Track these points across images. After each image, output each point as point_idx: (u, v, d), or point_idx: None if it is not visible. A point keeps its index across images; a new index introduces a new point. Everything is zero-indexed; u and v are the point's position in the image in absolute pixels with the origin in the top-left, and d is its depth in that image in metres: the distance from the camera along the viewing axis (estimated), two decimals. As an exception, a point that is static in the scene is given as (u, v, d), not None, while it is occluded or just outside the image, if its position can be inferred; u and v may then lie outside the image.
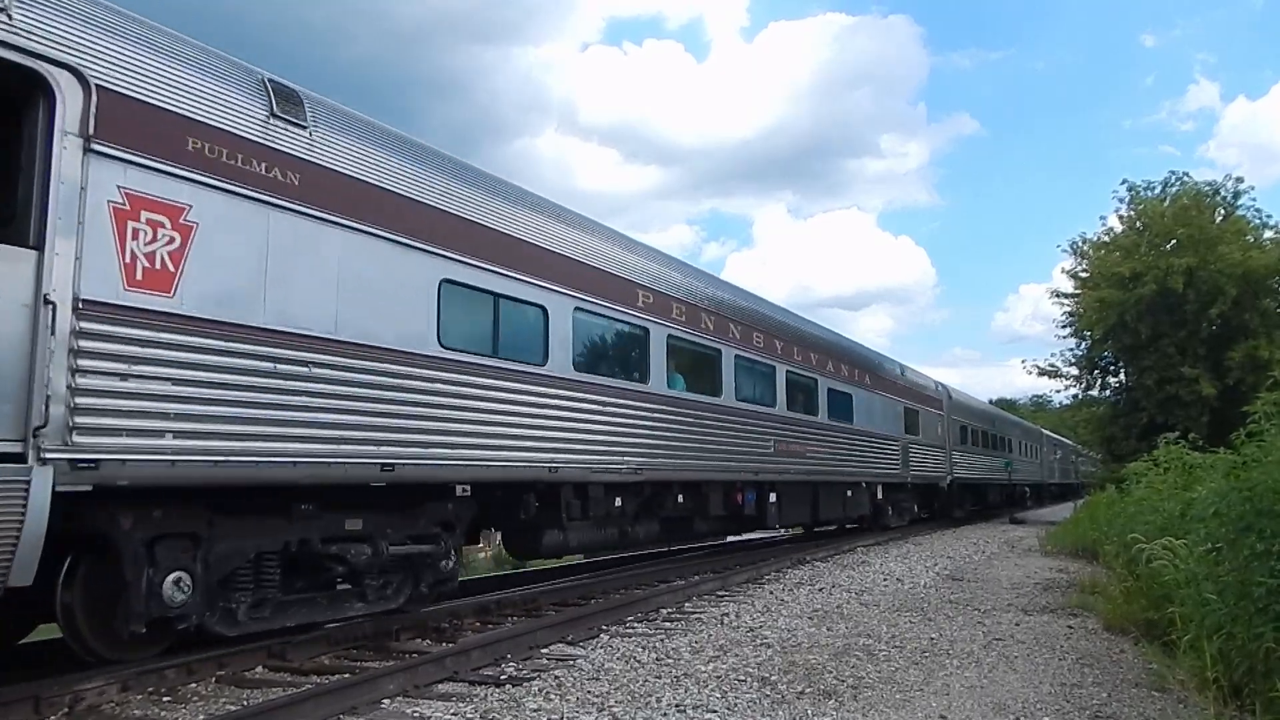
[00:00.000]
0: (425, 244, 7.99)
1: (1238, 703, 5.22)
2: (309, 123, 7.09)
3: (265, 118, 6.73)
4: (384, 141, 7.90)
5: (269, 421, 6.46)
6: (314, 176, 7.01)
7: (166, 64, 6.12)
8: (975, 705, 5.80)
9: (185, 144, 6.12)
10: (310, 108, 7.18)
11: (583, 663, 7.01)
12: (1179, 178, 30.39)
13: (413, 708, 5.70)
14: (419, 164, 8.17)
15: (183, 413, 5.91)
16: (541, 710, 5.63)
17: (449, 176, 8.50)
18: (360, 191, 7.40)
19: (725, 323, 13.70)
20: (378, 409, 7.35)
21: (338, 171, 7.24)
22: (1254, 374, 22.43)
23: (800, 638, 8.17)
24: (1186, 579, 6.29)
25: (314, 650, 7.27)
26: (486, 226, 8.83)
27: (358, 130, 7.65)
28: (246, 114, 6.60)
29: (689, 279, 13.17)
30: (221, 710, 5.67)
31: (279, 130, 6.82)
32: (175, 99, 6.11)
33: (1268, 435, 6.22)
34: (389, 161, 7.80)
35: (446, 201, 8.34)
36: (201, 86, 6.31)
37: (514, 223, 9.27)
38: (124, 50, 5.84)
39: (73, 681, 5.68)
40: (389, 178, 7.72)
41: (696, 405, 12.59)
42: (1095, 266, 30.41)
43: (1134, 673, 6.73)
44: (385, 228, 7.60)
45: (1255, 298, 27.39)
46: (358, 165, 7.44)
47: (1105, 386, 32.86)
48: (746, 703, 5.82)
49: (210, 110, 6.33)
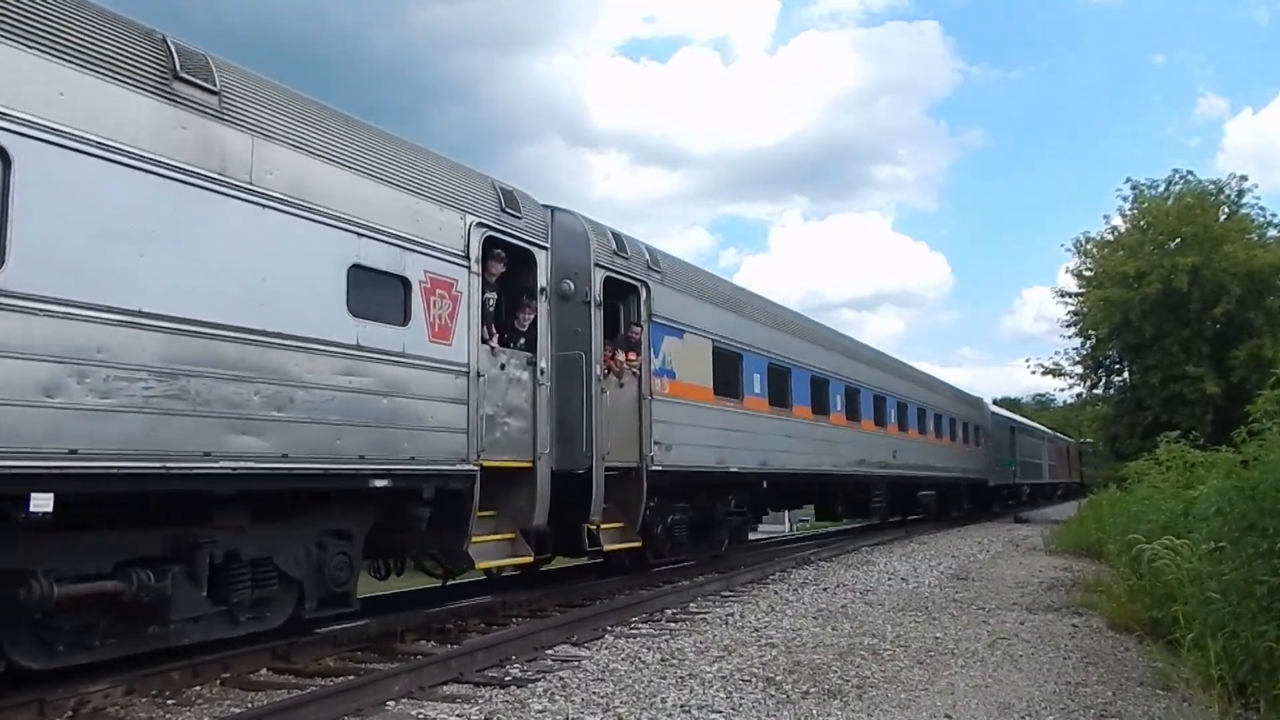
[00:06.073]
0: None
1: (1242, 701, 5.21)
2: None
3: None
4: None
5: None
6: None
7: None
8: (980, 704, 5.80)
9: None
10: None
11: (587, 663, 7.02)
12: (1182, 176, 30.42)
13: (418, 709, 5.71)
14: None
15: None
16: (546, 711, 5.64)
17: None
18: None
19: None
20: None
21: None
22: (1258, 373, 22.35)
23: (805, 637, 8.17)
24: (1190, 578, 6.29)
25: (318, 652, 7.29)
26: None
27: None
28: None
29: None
30: (226, 712, 5.69)
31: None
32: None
33: (1269, 434, 6.21)
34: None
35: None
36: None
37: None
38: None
39: (77, 684, 5.69)
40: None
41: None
42: (1099, 265, 30.42)
43: (1138, 671, 6.73)
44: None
45: (1259, 296, 27.38)
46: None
47: (1109, 385, 32.90)
48: (751, 703, 5.83)
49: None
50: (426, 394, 7.74)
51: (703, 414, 12.51)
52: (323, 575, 7.17)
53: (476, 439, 8.16)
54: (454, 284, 8.14)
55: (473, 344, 8.28)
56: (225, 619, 6.54)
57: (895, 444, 21.79)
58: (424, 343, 7.75)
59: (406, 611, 8.87)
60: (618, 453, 10.47)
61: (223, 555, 6.37)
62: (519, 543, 8.99)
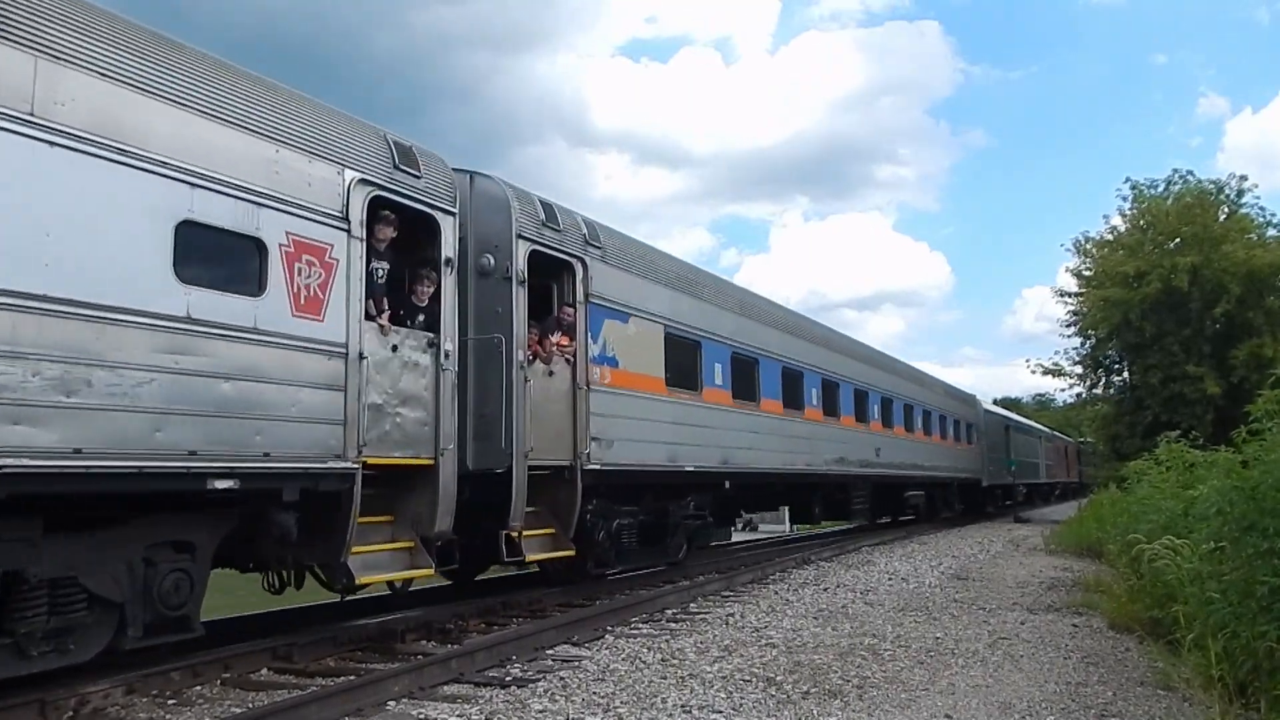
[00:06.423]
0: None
1: (1243, 701, 5.21)
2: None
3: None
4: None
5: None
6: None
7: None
8: (981, 704, 5.80)
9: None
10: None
11: (588, 664, 7.02)
12: (1182, 176, 30.44)
13: (418, 709, 5.71)
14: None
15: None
16: (547, 711, 5.64)
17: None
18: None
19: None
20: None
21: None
22: (1258, 372, 22.33)
23: (805, 637, 8.17)
24: (1190, 578, 6.29)
25: (319, 652, 7.28)
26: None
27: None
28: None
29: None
30: (227, 712, 5.69)
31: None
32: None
33: (1269, 434, 6.21)
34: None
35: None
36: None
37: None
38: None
39: (78, 684, 5.69)
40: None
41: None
42: (1099, 265, 30.43)
43: (1139, 671, 6.73)
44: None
45: (1259, 296, 27.40)
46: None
47: (1109, 385, 32.89)
48: (752, 703, 5.83)
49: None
50: (287, 378, 6.54)
51: (652, 407, 11.38)
52: (151, 596, 5.95)
53: (357, 432, 6.99)
54: (327, 249, 6.93)
55: (353, 321, 7.08)
56: (11, 653, 5.31)
57: (879, 441, 20.82)
58: (285, 317, 6.56)
59: (406, 611, 8.88)
60: (546, 449, 9.36)
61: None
62: (419, 553, 7.81)
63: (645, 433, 11.20)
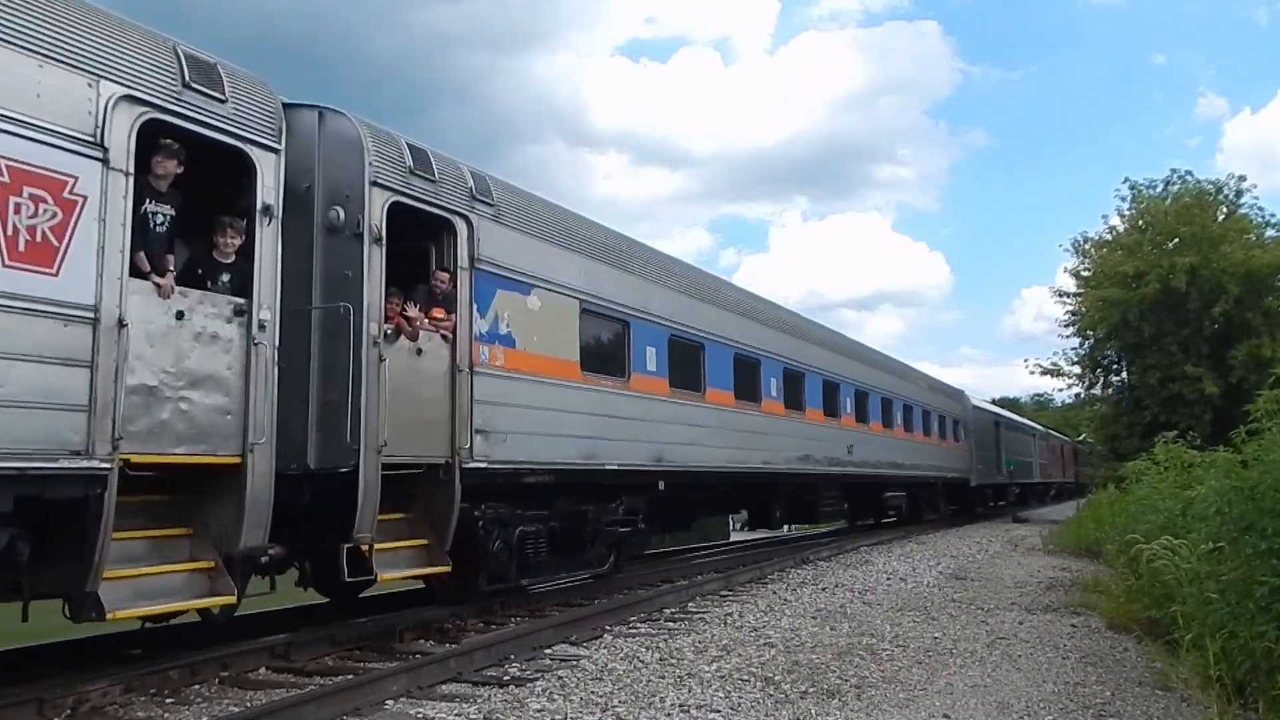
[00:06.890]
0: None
1: (1241, 701, 5.22)
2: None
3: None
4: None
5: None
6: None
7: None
8: (979, 704, 5.80)
9: None
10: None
11: (586, 663, 7.02)
12: (1181, 176, 30.51)
13: (416, 709, 5.71)
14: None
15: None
16: (545, 711, 5.64)
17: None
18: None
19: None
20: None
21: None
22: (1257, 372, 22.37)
23: (804, 637, 8.17)
24: (1189, 578, 6.30)
25: (317, 651, 7.27)
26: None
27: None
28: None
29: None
30: (225, 711, 5.68)
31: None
32: None
33: (1268, 434, 6.22)
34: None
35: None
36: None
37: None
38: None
39: (76, 682, 5.70)
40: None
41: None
42: (1098, 265, 30.49)
43: (1137, 671, 6.73)
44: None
45: (1258, 296, 27.46)
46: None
47: (1108, 385, 32.94)
48: (750, 702, 5.83)
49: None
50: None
51: (562, 395, 9.68)
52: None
53: (111, 421, 5.41)
54: (68, 183, 5.35)
55: (109, 277, 5.50)
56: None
57: (852, 438, 19.01)
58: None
59: (405, 610, 8.87)
60: (412, 444, 7.76)
61: None
62: (219, 575, 6.21)
63: (551, 425, 9.47)
